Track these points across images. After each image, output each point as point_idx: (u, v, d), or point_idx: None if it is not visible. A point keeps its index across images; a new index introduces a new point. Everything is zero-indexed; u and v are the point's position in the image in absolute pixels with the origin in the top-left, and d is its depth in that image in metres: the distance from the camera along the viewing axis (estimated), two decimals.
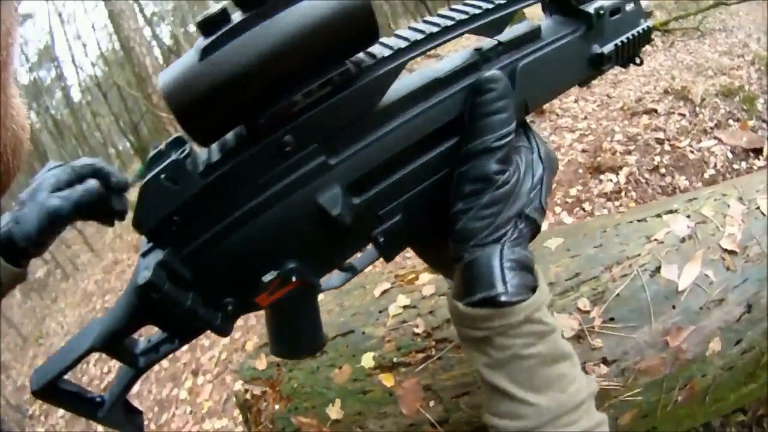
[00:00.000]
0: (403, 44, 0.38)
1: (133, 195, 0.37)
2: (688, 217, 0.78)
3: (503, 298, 0.37)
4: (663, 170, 2.14)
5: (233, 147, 0.34)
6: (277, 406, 0.87)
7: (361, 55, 0.37)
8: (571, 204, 2.15)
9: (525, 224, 0.40)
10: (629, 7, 0.50)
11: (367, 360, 0.79)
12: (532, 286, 0.39)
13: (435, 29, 0.39)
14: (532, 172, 0.41)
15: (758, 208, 0.79)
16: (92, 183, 0.44)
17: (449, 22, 0.39)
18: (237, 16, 0.30)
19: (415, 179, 0.41)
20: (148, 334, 0.43)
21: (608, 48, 0.48)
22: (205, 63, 0.29)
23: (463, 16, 0.40)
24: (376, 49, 0.38)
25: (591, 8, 0.46)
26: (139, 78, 5.11)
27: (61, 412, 2.78)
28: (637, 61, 0.52)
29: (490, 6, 0.41)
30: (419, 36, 0.38)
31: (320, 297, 1.03)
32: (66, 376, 0.38)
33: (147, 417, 2.26)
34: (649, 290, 0.70)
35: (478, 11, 0.40)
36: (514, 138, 0.41)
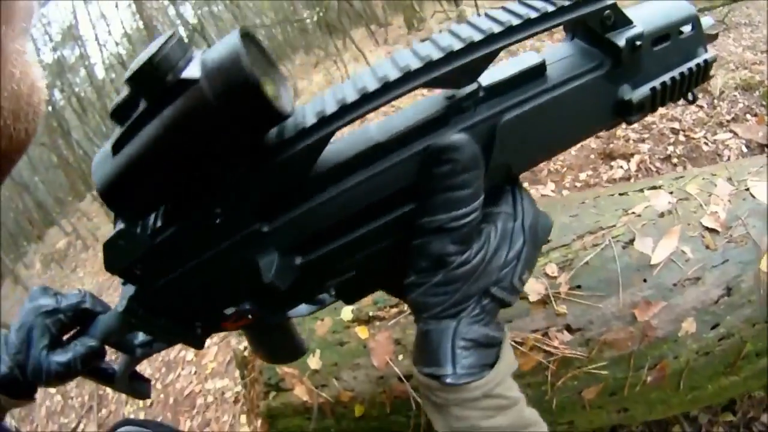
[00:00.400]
0: (330, 109, 0.33)
1: None
2: (671, 193, 0.77)
3: (449, 380, 0.35)
4: (675, 160, 2.09)
5: (171, 216, 0.37)
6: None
7: (287, 122, 0.34)
8: (579, 188, 2.13)
9: (489, 301, 0.36)
10: (685, 31, 0.39)
11: (346, 313, 0.82)
12: (491, 363, 0.36)
13: (374, 86, 0.32)
14: (509, 245, 0.36)
15: (747, 189, 0.77)
16: (91, 343, 0.45)
17: (394, 74, 0.32)
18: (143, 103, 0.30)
19: (366, 242, 0.37)
20: None
21: (640, 94, 0.37)
22: (117, 157, 0.31)
23: (417, 64, 0.32)
24: (301, 115, 0.34)
25: (622, 38, 0.36)
26: None
27: None
28: (690, 97, 0.42)
29: (457, 46, 0.32)
30: (352, 97, 0.32)
31: None
32: None
33: (154, 377, 2.40)
34: (620, 261, 0.69)
35: (437, 55, 0.32)
36: (489, 207, 0.37)
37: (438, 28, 6.38)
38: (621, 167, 2.13)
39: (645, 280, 0.69)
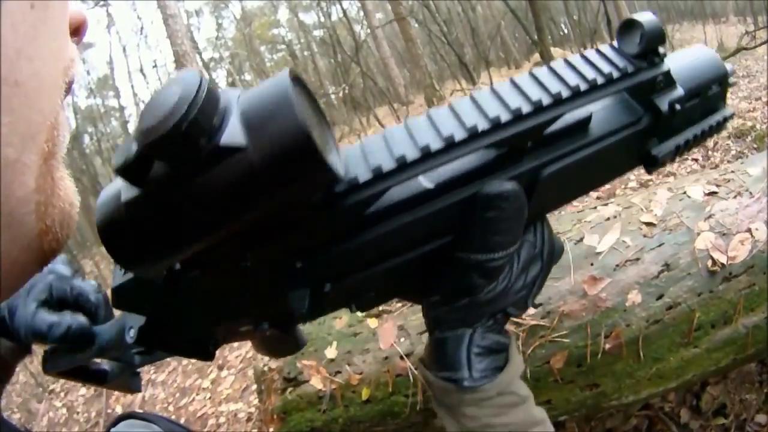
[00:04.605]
0: (388, 166, 0.30)
1: None
2: (618, 205, 0.95)
3: (466, 384, 0.37)
4: None
5: (191, 260, 0.32)
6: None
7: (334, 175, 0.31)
8: None
9: (502, 315, 0.39)
10: (712, 89, 0.40)
11: None
12: (502, 365, 0.38)
13: (437, 145, 0.30)
14: (528, 271, 0.38)
15: (685, 192, 0.95)
16: (83, 324, 0.43)
17: (460, 135, 0.30)
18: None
19: (398, 270, 0.37)
20: None
21: (666, 150, 0.39)
22: (135, 222, 0.26)
23: (483, 125, 0.31)
24: (353, 164, 0.31)
25: (665, 102, 0.36)
26: None
27: (82, 390, 3.01)
28: None
29: (527, 109, 0.31)
30: (411, 154, 0.30)
31: None
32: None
33: (167, 401, 2.48)
34: (572, 253, 0.87)
35: (506, 117, 0.31)
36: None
37: None
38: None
39: (592, 264, 0.85)
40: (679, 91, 0.37)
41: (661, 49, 0.35)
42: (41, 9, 0.20)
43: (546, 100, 0.31)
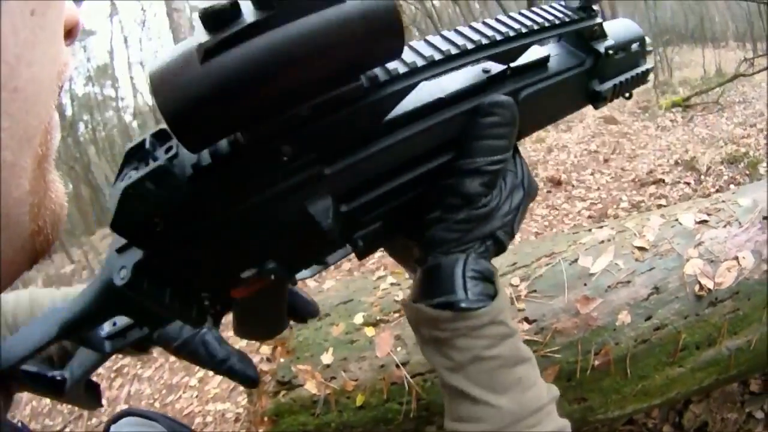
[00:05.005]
0: (420, 62, 0.36)
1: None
2: (612, 228, 0.99)
3: (463, 305, 0.38)
4: None
5: (226, 153, 0.32)
6: (282, 359, 1.08)
7: (377, 68, 0.35)
8: None
9: (492, 242, 0.41)
10: (634, 47, 0.51)
11: (358, 318, 1.04)
12: (493, 294, 0.40)
13: (454, 50, 0.38)
14: (512, 197, 0.42)
15: (677, 219, 0.99)
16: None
17: (470, 45, 0.39)
18: (247, 11, 0.26)
19: (403, 190, 0.40)
20: None
21: (606, 87, 0.49)
22: (207, 67, 0.26)
23: (484, 41, 0.40)
24: (392, 63, 0.35)
25: (602, 47, 0.47)
26: None
27: None
28: (626, 95, 0.54)
29: (512, 33, 0.41)
30: (437, 56, 0.37)
31: (330, 283, 1.27)
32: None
33: (153, 397, 2.44)
34: (567, 273, 0.91)
35: (499, 37, 0.40)
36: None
37: None
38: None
39: (585, 284, 0.89)
40: (610, 41, 0.48)
41: (595, 7, 0.47)
42: (41, 15, 0.20)
43: (524, 30, 0.42)
